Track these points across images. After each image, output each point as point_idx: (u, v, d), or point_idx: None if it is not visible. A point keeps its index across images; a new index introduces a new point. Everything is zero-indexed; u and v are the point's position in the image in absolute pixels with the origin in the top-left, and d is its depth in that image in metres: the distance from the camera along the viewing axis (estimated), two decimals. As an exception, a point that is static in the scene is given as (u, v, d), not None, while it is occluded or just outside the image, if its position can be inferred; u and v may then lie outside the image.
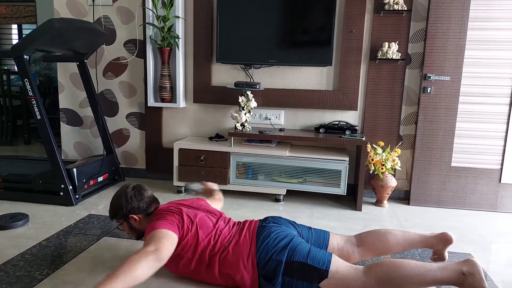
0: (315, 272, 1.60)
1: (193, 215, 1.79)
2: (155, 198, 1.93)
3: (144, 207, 1.85)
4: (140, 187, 1.90)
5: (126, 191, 1.86)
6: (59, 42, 2.84)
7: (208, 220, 1.82)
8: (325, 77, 3.21)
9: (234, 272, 1.68)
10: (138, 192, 1.87)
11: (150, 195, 1.91)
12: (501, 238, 2.52)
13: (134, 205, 1.83)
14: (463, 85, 2.97)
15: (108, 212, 1.91)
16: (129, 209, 1.83)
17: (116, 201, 1.86)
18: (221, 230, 1.79)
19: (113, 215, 1.88)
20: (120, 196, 1.86)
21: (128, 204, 1.83)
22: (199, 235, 1.73)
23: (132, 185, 1.90)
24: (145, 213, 1.85)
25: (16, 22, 6.15)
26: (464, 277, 1.53)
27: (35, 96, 2.74)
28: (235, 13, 3.13)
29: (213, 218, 1.86)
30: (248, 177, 3.07)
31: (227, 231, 1.79)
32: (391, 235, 1.92)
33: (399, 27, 3.01)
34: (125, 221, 1.86)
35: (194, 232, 1.73)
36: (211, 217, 1.85)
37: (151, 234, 1.62)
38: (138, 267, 1.44)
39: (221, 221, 1.86)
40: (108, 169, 3.31)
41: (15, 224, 2.38)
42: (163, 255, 1.53)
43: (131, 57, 3.48)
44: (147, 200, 1.87)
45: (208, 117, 3.45)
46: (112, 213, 1.88)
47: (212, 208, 1.95)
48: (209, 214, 1.87)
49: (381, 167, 2.97)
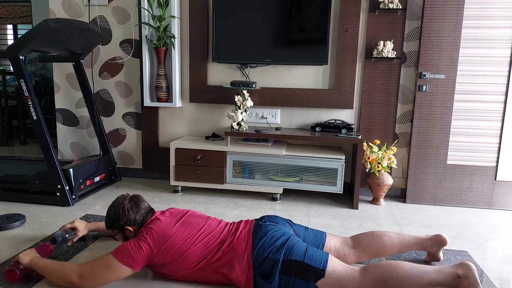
0: (312, 271, 1.61)
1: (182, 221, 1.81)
2: (151, 209, 1.92)
3: (140, 220, 1.84)
4: (137, 198, 1.90)
5: (123, 203, 1.85)
6: (54, 42, 2.83)
7: (196, 222, 1.83)
8: (321, 76, 3.22)
9: (229, 271, 1.69)
10: (135, 204, 1.86)
11: (147, 206, 1.90)
12: (497, 235, 2.54)
13: (131, 217, 1.82)
14: (458, 83, 2.98)
15: (104, 221, 1.92)
16: (125, 221, 1.82)
17: (113, 212, 1.85)
18: (211, 231, 1.80)
19: (109, 225, 1.88)
20: (117, 207, 1.85)
21: (124, 216, 1.82)
22: (185, 238, 1.73)
23: (129, 197, 1.89)
24: (140, 226, 1.84)
25: (12, 22, 6.13)
26: (459, 280, 1.55)
27: (31, 97, 2.74)
28: (230, 13, 3.13)
29: (201, 220, 1.86)
30: (245, 176, 3.08)
31: (218, 232, 1.80)
32: (387, 237, 1.94)
33: (394, 26, 3.02)
34: (120, 232, 1.86)
35: (179, 236, 1.73)
36: (199, 220, 1.86)
37: (102, 261, 1.67)
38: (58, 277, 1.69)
39: (211, 221, 1.87)
40: (104, 169, 3.31)
41: (12, 225, 2.38)
42: (84, 285, 1.65)
43: (127, 57, 3.47)
44: (143, 212, 1.86)
45: (205, 116, 3.45)
46: (109, 223, 1.88)
47: (198, 212, 1.96)
48: (196, 218, 1.87)
49: (377, 165, 2.98)
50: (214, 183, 3.11)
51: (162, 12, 3.14)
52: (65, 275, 1.66)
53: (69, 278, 1.65)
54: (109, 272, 1.64)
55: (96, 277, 1.64)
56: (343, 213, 2.84)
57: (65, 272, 1.66)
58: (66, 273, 1.66)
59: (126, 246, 1.68)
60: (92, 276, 1.64)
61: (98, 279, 1.64)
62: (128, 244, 1.70)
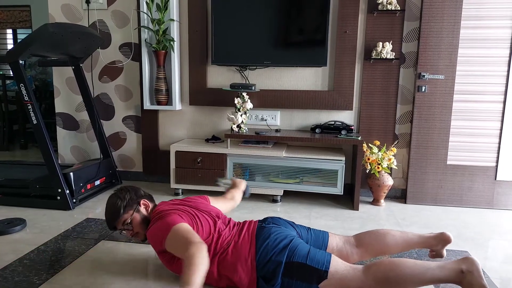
0: (315, 273, 1.60)
1: (193, 214, 1.80)
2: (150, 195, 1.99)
3: (147, 194, 1.90)
4: (119, 188, 1.92)
5: (121, 189, 1.88)
6: (54, 46, 2.84)
7: (207, 220, 1.82)
8: (320, 78, 3.22)
9: (232, 273, 1.68)
10: (130, 187, 1.91)
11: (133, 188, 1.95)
12: (498, 235, 2.54)
13: (140, 193, 1.88)
14: (457, 83, 2.99)
15: (110, 219, 1.84)
16: (139, 195, 1.86)
17: (120, 199, 1.83)
18: (221, 231, 1.80)
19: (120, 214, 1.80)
20: (118, 196, 1.85)
21: (133, 194, 1.85)
22: (199, 235, 1.73)
23: (116, 189, 1.92)
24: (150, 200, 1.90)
25: (11, 27, 6.14)
26: (462, 275, 1.54)
27: (31, 101, 2.74)
28: (229, 15, 3.14)
29: (212, 218, 1.86)
30: (245, 178, 3.08)
31: (227, 232, 1.80)
32: (390, 235, 1.93)
33: (393, 27, 3.03)
34: (136, 213, 1.83)
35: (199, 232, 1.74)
36: (210, 218, 1.85)
37: (173, 232, 1.62)
38: (203, 262, 1.46)
39: (221, 221, 1.86)
40: (105, 172, 3.31)
41: (13, 229, 2.38)
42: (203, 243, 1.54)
43: (126, 60, 3.48)
44: (135, 188, 1.91)
45: (204, 119, 3.46)
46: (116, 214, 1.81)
47: (210, 207, 1.95)
48: (207, 214, 1.87)
49: (377, 166, 2.98)
50: (215, 186, 3.10)
51: (161, 15, 3.15)
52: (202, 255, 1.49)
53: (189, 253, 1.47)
54: (191, 231, 1.63)
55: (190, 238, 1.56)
56: (344, 214, 2.84)
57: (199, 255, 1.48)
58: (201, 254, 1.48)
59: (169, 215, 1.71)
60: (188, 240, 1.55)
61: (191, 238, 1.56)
62: (165, 214, 1.72)
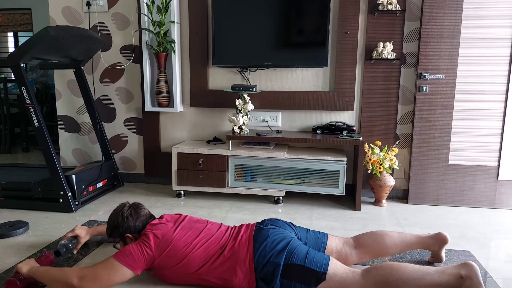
0: (313, 275, 1.60)
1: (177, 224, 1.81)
2: (151, 215, 1.93)
3: (140, 227, 1.84)
4: (137, 206, 1.90)
5: (123, 210, 1.86)
6: (55, 49, 2.85)
7: (196, 226, 1.83)
8: (321, 78, 3.23)
9: (231, 276, 1.68)
10: (135, 211, 1.87)
11: (147, 213, 1.91)
12: (500, 234, 2.53)
13: (130, 225, 1.83)
14: (458, 83, 2.99)
15: (105, 230, 1.92)
16: (125, 229, 1.83)
17: (113, 219, 1.86)
18: (211, 235, 1.79)
19: (110, 233, 1.88)
20: (116, 214, 1.86)
21: (124, 224, 1.83)
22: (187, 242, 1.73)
23: (129, 204, 1.90)
24: (139, 233, 1.84)
25: (12, 30, 6.16)
26: (462, 281, 1.54)
27: (33, 104, 2.75)
28: (230, 17, 3.14)
29: (201, 224, 1.87)
30: (247, 179, 3.08)
31: (219, 236, 1.79)
32: (388, 236, 1.93)
33: (393, 27, 3.03)
34: (121, 240, 1.86)
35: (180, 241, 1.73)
36: (199, 224, 1.86)
37: (104, 264, 1.65)
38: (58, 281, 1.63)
39: (211, 226, 1.87)
40: (107, 174, 3.31)
41: (15, 232, 2.38)
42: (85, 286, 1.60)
43: (127, 62, 3.49)
44: (143, 219, 1.87)
45: (206, 120, 3.46)
46: (109, 231, 1.88)
47: (196, 218, 1.96)
48: (196, 223, 1.87)
49: (379, 166, 2.98)
50: (216, 187, 3.11)
51: (162, 17, 3.16)
52: (65, 278, 1.60)
53: (70, 281, 1.59)
54: (110, 274, 1.62)
55: (98, 279, 1.61)
56: (346, 215, 2.84)
57: (65, 275, 1.61)
58: (67, 276, 1.61)
59: (128, 249, 1.69)
60: (94, 277, 1.60)
61: (99, 281, 1.61)
62: (130, 246, 1.70)
